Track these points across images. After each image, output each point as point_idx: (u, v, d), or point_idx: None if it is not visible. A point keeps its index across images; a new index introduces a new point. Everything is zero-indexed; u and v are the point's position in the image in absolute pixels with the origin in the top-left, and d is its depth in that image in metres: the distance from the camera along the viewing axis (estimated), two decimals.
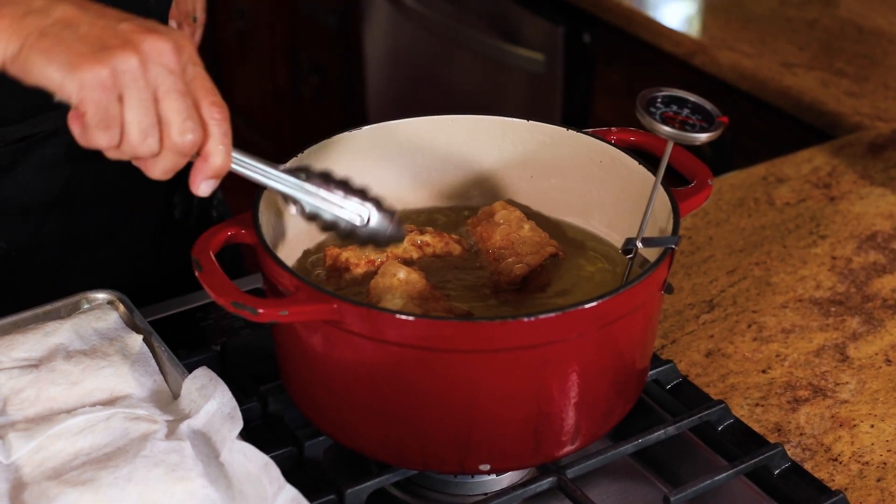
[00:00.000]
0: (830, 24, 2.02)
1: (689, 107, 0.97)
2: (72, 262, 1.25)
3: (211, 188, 0.88)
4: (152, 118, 0.84)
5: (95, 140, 0.85)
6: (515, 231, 1.05)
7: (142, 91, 0.83)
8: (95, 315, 1.05)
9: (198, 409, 0.95)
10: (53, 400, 0.97)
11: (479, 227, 1.08)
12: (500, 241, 1.05)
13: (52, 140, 1.19)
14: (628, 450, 1.01)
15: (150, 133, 0.84)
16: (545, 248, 1.05)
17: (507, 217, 1.07)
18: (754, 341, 1.21)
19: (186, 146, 0.85)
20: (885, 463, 1.06)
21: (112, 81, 0.82)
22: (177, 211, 1.33)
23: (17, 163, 1.19)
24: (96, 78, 0.82)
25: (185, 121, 0.84)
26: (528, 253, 1.04)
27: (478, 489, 1.03)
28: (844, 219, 1.42)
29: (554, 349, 0.90)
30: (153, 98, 0.83)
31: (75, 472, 0.89)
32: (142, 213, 1.30)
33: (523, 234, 1.05)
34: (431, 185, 1.14)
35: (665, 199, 0.99)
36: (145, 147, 0.85)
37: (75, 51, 0.82)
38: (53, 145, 1.20)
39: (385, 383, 0.91)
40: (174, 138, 0.85)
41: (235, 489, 0.90)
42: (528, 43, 2.37)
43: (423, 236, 1.06)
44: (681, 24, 2.07)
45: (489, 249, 1.05)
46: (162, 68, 0.83)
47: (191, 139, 0.85)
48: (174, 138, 0.85)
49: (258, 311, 0.87)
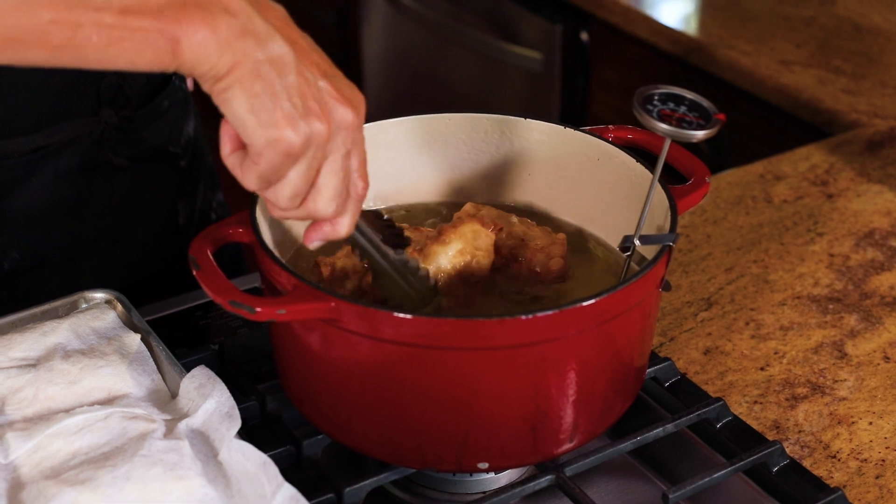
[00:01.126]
0: (828, 22, 2.02)
1: (687, 104, 0.97)
2: (79, 268, 1.25)
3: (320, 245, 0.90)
4: (307, 185, 0.84)
5: (249, 185, 0.84)
6: (511, 228, 1.05)
7: (317, 161, 0.83)
8: (93, 314, 1.05)
9: (196, 408, 0.95)
10: (51, 399, 0.97)
11: None
12: (507, 240, 1.04)
13: (65, 151, 1.19)
14: (627, 447, 1.01)
15: (297, 197, 0.85)
16: (559, 237, 1.04)
17: (491, 215, 1.05)
18: (752, 339, 1.21)
19: (320, 215, 0.86)
20: (884, 460, 1.06)
21: (300, 149, 0.82)
22: (181, 217, 1.34)
23: (31, 173, 1.19)
24: (288, 145, 0.81)
25: (333, 199, 0.85)
26: (548, 244, 1.03)
27: (476, 487, 1.03)
28: (842, 216, 1.42)
29: (552, 347, 0.90)
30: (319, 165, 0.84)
31: (73, 472, 0.89)
32: (148, 221, 1.31)
33: (522, 228, 1.05)
34: (429, 182, 1.14)
35: (663, 197, 0.99)
36: (285, 205, 0.85)
37: (280, 109, 0.80)
38: (67, 156, 1.20)
39: (383, 382, 0.91)
40: (317, 207, 0.86)
41: (234, 488, 0.90)
42: (526, 41, 2.37)
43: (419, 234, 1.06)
44: (678, 22, 2.07)
45: (500, 250, 1.03)
46: (339, 143, 0.84)
47: (328, 212, 0.86)
48: (317, 207, 0.86)
49: (256, 309, 0.87)
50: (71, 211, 1.23)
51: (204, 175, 1.38)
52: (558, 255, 1.03)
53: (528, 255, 1.02)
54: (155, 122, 1.26)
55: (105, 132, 1.01)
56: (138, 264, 1.30)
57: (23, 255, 1.22)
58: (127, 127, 1.23)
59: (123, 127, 1.23)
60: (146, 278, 1.30)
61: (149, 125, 1.25)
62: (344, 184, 0.86)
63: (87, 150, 1.21)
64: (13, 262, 1.21)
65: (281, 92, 0.80)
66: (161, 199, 1.31)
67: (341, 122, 0.83)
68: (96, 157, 1.22)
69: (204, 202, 1.38)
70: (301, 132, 0.81)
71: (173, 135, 1.30)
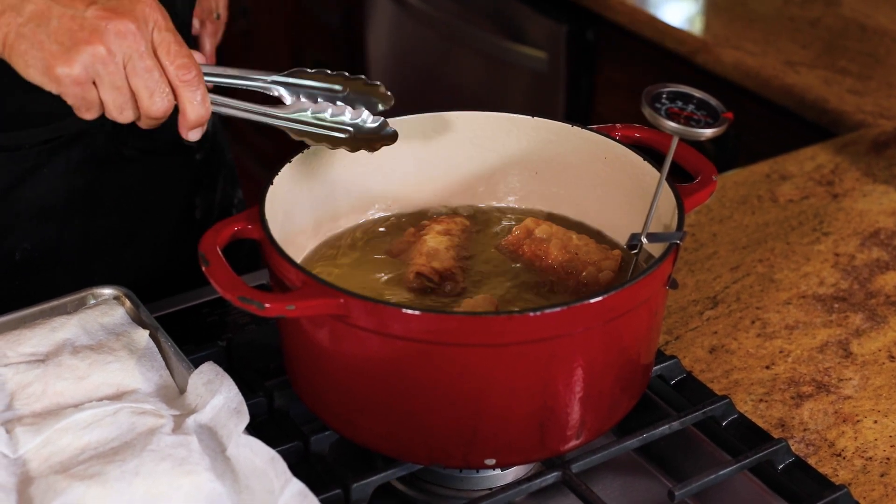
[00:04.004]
0: (833, 23, 2.02)
1: (694, 102, 0.97)
2: (92, 263, 1.26)
3: (199, 134, 0.98)
4: (125, 95, 0.94)
5: (84, 117, 0.96)
6: (568, 242, 1.05)
7: (112, 75, 0.93)
8: (101, 310, 1.06)
9: (204, 403, 0.95)
10: (60, 395, 0.97)
11: (526, 247, 1.07)
12: (560, 255, 1.05)
13: (76, 143, 1.21)
14: (633, 444, 1.02)
15: (125, 108, 0.95)
16: (613, 252, 1.05)
17: (549, 231, 1.07)
18: (758, 337, 1.21)
19: (159, 113, 0.95)
20: (889, 458, 1.06)
21: (84, 75, 0.92)
22: (198, 211, 1.35)
23: (42, 165, 1.20)
24: (69, 76, 0.92)
25: (152, 95, 0.94)
26: (600, 259, 1.04)
27: (483, 484, 1.03)
28: (848, 216, 1.42)
29: (560, 344, 0.90)
30: (124, 76, 0.93)
31: (82, 466, 0.89)
32: (162, 215, 1.31)
33: (576, 243, 1.05)
34: (436, 181, 1.14)
35: (670, 195, 1.00)
36: (125, 118, 0.95)
37: (48, 51, 0.92)
38: (78, 148, 1.21)
39: (391, 378, 0.92)
40: (145, 111, 0.95)
41: (242, 483, 0.90)
42: (532, 41, 2.37)
43: (441, 224, 1.07)
44: (684, 22, 2.07)
45: (553, 265, 1.05)
46: (127, 49, 0.92)
47: (161, 108, 0.95)
48: (145, 111, 0.95)
49: (265, 305, 0.88)
50: (83, 203, 1.23)
51: (223, 170, 1.39)
52: (609, 269, 1.03)
53: (578, 268, 1.03)
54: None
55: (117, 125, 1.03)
56: (153, 256, 1.31)
57: (34, 246, 1.23)
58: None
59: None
60: (161, 271, 1.31)
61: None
62: (160, 82, 0.94)
63: (100, 143, 1.22)
64: (24, 252, 1.22)
65: (45, 39, 0.91)
66: (175, 193, 1.32)
67: (118, 35, 0.92)
68: (108, 150, 1.23)
69: (224, 198, 1.39)
70: (76, 61, 0.91)
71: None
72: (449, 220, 1.11)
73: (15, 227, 1.21)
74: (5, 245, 1.22)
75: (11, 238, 1.22)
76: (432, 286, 1.03)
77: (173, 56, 0.94)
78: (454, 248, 1.07)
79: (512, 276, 1.05)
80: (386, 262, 1.08)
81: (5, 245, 1.22)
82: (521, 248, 1.07)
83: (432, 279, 1.03)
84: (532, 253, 1.06)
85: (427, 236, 1.07)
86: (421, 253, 1.06)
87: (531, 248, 1.06)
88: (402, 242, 1.09)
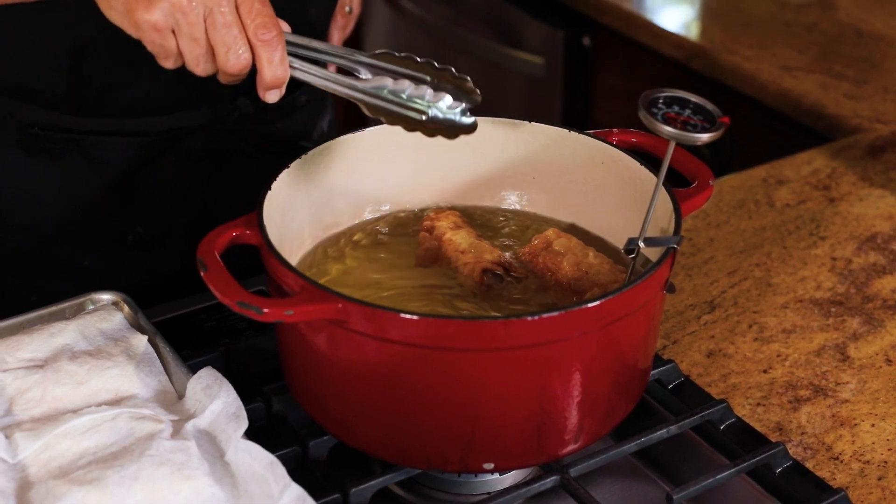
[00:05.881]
0: (829, 28, 2.02)
1: (691, 107, 0.98)
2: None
3: (277, 96, 0.98)
4: (203, 48, 0.95)
5: (163, 65, 0.96)
6: (583, 260, 1.04)
7: (191, 26, 0.93)
8: (100, 316, 1.06)
9: (203, 408, 0.95)
10: (59, 400, 0.97)
11: (541, 258, 1.05)
12: (571, 272, 1.03)
13: (197, 135, 1.24)
14: (631, 449, 1.02)
15: (202, 60, 0.95)
16: (622, 276, 1.03)
17: (567, 245, 1.05)
18: (755, 341, 1.21)
19: (235, 70, 0.95)
20: (886, 462, 1.07)
21: (164, 22, 0.93)
22: None
23: (163, 154, 1.23)
24: (148, 21, 0.93)
25: (229, 51, 0.94)
26: (609, 282, 1.02)
27: (481, 488, 1.03)
28: (844, 220, 1.43)
29: (557, 348, 0.90)
30: (203, 29, 0.93)
31: (81, 472, 0.89)
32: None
33: (592, 262, 1.04)
34: (433, 185, 1.15)
35: (667, 200, 1.00)
36: (202, 70, 0.96)
37: None
38: (198, 140, 1.24)
39: (389, 383, 0.92)
40: (221, 66, 0.95)
41: (241, 488, 0.90)
42: (528, 47, 2.37)
43: (445, 220, 1.08)
44: (680, 27, 2.08)
45: (561, 280, 1.03)
46: (208, 2, 0.93)
47: (237, 65, 0.95)
48: (221, 66, 0.95)
49: (263, 310, 0.88)
50: (198, 193, 1.27)
51: None
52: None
53: (584, 287, 1.03)
54: (290, 116, 1.31)
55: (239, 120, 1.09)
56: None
57: (147, 230, 1.27)
58: (261, 117, 1.27)
59: (258, 117, 1.26)
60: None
61: (283, 118, 1.29)
62: (238, 39, 0.94)
63: (219, 137, 1.26)
64: (137, 236, 1.26)
65: None
66: None
67: None
68: (227, 144, 1.26)
69: None
70: (157, 8, 0.92)
71: (307, 129, 1.33)
72: (443, 215, 1.10)
73: (130, 211, 1.25)
74: (120, 227, 1.26)
75: (126, 221, 1.26)
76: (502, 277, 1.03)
77: (255, 14, 0.94)
78: (480, 238, 1.07)
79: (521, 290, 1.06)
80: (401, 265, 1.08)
81: (120, 227, 1.26)
82: (536, 258, 1.06)
83: (498, 272, 1.03)
84: (545, 265, 1.05)
85: (445, 236, 1.07)
86: (462, 251, 1.05)
87: (545, 259, 1.05)
88: (428, 250, 1.08)
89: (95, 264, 1.27)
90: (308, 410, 1.00)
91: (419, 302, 1.03)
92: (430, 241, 1.08)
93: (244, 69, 0.96)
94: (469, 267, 1.03)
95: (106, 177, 1.23)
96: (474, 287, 1.03)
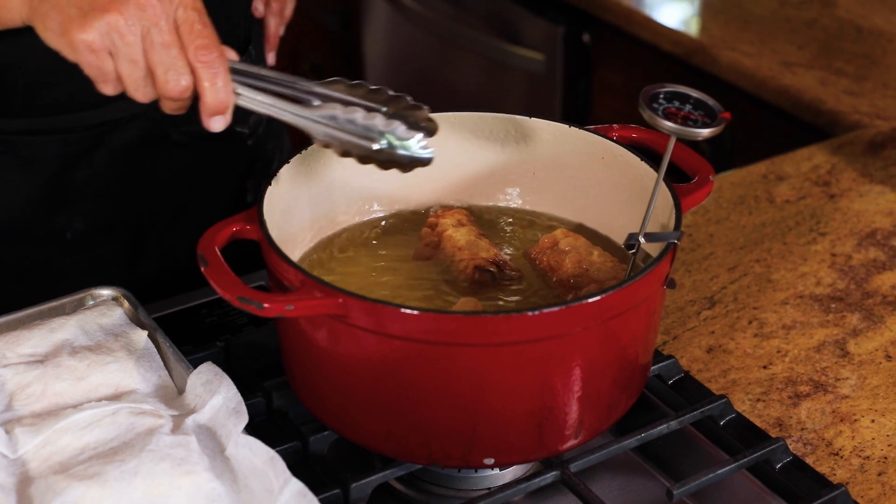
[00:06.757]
0: (829, 24, 2.02)
1: (692, 103, 0.98)
2: (143, 241, 1.29)
3: (221, 124, 0.94)
4: (142, 70, 0.91)
5: (103, 91, 0.93)
6: (586, 257, 1.04)
7: (129, 47, 0.90)
8: (100, 311, 1.06)
9: (203, 403, 0.95)
10: (59, 395, 0.97)
11: (546, 256, 1.06)
12: (572, 269, 1.03)
13: (128, 126, 1.22)
14: (631, 444, 1.02)
15: (141, 84, 0.92)
16: (622, 274, 1.03)
17: (573, 244, 1.05)
18: (755, 337, 1.21)
19: (175, 93, 0.91)
20: (886, 457, 1.07)
21: (100, 42, 0.90)
22: (249, 195, 1.36)
23: (94, 148, 1.22)
24: (84, 41, 0.90)
25: (168, 72, 0.91)
26: (608, 279, 1.02)
27: (482, 483, 1.03)
28: (844, 216, 1.43)
29: (558, 343, 0.90)
30: (142, 50, 0.90)
31: (82, 467, 0.89)
32: (213, 197, 1.33)
33: (594, 260, 1.04)
34: (434, 181, 1.15)
35: (667, 195, 1.00)
36: (143, 96, 0.92)
37: (66, 15, 0.90)
38: (129, 131, 1.23)
39: (389, 378, 0.92)
40: (161, 89, 0.92)
41: (241, 483, 0.90)
42: (528, 43, 2.37)
43: (449, 218, 1.08)
44: (680, 23, 2.08)
45: (562, 278, 1.03)
46: (147, 21, 0.89)
47: (176, 87, 0.91)
48: (161, 89, 0.92)
49: (264, 305, 0.88)
50: (134, 185, 1.25)
51: (279, 154, 1.40)
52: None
53: (582, 284, 1.03)
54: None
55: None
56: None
57: (86, 226, 1.25)
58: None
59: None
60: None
61: None
62: (177, 60, 0.91)
63: (150, 127, 1.24)
64: (76, 232, 1.25)
65: (66, 3, 0.90)
66: (226, 177, 1.34)
67: (141, 5, 0.89)
68: (158, 134, 1.25)
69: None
70: (92, 27, 0.89)
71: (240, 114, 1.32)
72: (450, 213, 1.10)
73: (67, 207, 1.23)
74: (57, 224, 1.24)
75: (63, 218, 1.24)
76: (495, 275, 1.03)
77: (195, 35, 0.91)
78: (481, 236, 1.07)
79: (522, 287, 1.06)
80: (402, 263, 1.08)
81: (57, 224, 1.24)
82: (541, 256, 1.06)
83: (491, 270, 1.03)
84: (548, 264, 1.05)
85: (447, 232, 1.07)
86: (459, 248, 1.05)
87: (549, 258, 1.05)
88: (427, 245, 1.09)
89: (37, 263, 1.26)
90: (308, 406, 1.00)
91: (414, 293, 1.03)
92: (430, 237, 1.08)
93: (184, 92, 0.91)
94: (464, 263, 1.04)
95: (41, 175, 1.21)
96: (467, 283, 1.03)
